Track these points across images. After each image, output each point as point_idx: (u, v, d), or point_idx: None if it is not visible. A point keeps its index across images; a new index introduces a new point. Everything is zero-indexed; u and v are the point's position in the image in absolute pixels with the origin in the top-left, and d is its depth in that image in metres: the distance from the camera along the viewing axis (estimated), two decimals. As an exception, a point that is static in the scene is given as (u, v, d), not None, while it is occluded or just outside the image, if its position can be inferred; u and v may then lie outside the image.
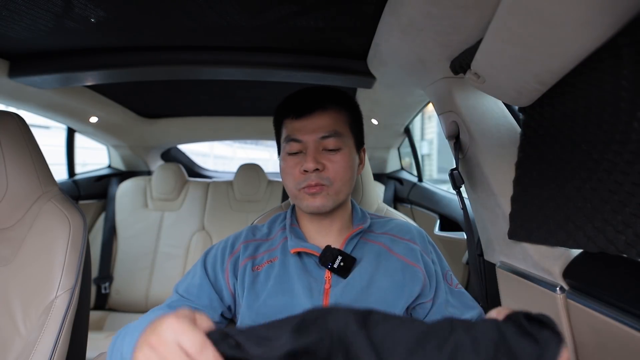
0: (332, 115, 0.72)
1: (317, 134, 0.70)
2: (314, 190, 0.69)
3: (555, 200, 0.56)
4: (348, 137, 0.73)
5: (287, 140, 0.73)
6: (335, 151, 0.71)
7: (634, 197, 0.42)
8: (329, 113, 0.72)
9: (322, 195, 0.69)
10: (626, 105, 0.42)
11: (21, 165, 0.79)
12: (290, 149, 0.72)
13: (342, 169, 0.70)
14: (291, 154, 0.72)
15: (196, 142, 2.69)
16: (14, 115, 0.82)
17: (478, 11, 0.54)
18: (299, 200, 0.72)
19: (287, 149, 0.72)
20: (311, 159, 0.68)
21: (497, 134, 0.77)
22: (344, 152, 0.71)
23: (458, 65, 0.70)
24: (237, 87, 1.55)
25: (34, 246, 0.76)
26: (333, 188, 0.70)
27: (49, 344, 0.71)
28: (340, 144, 0.71)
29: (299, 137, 0.71)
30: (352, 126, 0.75)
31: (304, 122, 0.72)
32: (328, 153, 0.71)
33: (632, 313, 0.48)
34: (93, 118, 1.82)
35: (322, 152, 0.70)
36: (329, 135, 0.70)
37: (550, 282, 0.63)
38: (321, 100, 0.73)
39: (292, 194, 0.73)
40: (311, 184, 0.69)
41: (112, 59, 1.02)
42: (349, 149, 0.73)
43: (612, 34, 0.41)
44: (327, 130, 0.70)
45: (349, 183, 0.72)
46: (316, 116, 0.72)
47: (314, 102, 0.73)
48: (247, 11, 0.78)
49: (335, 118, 0.72)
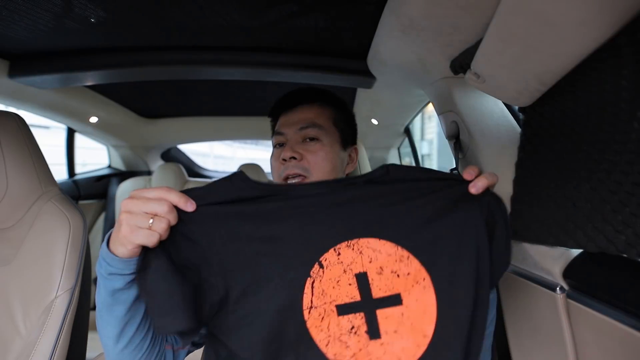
0: (314, 110, 0.77)
1: (297, 126, 0.75)
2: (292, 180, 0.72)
3: (555, 200, 0.56)
4: (330, 131, 0.76)
5: (274, 135, 0.78)
6: (314, 141, 0.74)
7: (634, 197, 0.42)
8: (311, 108, 0.77)
9: None
10: (626, 105, 0.42)
11: (21, 166, 0.79)
12: (276, 141, 0.77)
13: (320, 159, 0.72)
14: (276, 147, 0.77)
15: (196, 142, 2.69)
16: (14, 115, 0.82)
17: (478, 11, 0.54)
18: None
19: (274, 142, 0.78)
20: (288, 148, 0.72)
21: (497, 134, 0.77)
22: (323, 143, 0.74)
23: (458, 65, 0.69)
24: (237, 87, 1.55)
25: (34, 246, 0.76)
26: (312, 178, 0.72)
27: (49, 344, 0.71)
28: (319, 134, 0.74)
29: (281, 130, 0.76)
30: (337, 122, 0.78)
31: (287, 116, 0.77)
32: (307, 144, 0.74)
33: (632, 313, 0.48)
34: (93, 118, 1.82)
35: (301, 143, 0.74)
36: (307, 125, 0.74)
37: (550, 282, 0.63)
38: (305, 97, 0.78)
39: None
40: (289, 173, 0.72)
41: (112, 59, 1.02)
42: (330, 142, 0.75)
43: (612, 34, 0.41)
44: (306, 121, 0.74)
45: (330, 176, 0.74)
46: (298, 110, 0.77)
47: (299, 98, 0.78)
48: (247, 11, 0.78)
49: (316, 112, 0.76)
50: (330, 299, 0.50)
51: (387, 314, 0.50)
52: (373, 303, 0.50)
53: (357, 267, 0.51)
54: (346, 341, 0.50)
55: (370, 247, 0.51)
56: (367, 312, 0.50)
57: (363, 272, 0.51)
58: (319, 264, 0.50)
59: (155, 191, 0.47)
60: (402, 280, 0.50)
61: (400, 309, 0.50)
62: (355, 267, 0.51)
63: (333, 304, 0.50)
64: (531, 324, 0.69)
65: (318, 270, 0.50)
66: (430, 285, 0.50)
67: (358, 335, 0.50)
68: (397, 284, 0.50)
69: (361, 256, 0.51)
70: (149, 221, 0.45)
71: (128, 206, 0.46)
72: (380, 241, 0.51)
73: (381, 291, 0.50)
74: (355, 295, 0.50)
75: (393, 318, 0.50)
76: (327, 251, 0.51)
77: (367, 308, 0.50)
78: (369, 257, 0.51)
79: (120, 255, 0.47)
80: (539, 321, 0.66)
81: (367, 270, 0.51)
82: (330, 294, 0.50)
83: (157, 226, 0.45)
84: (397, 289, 0.50)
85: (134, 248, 0.46)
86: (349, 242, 0.51)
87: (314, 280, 0.50)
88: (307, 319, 0.50)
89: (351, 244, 0.51)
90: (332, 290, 0.50)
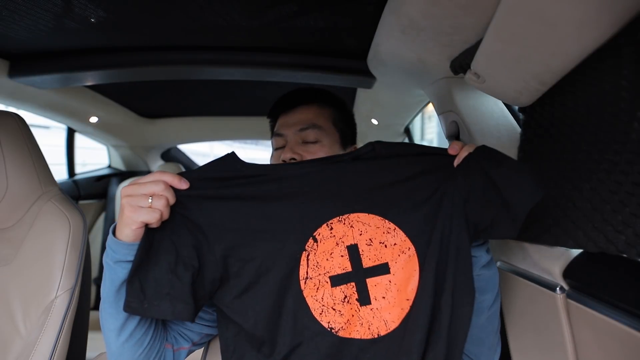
0: (313, 110, 0.76)
1: (296, 127, 0.74)
2: None
3: (555, 200, 0.56)
4: (330, 132, 0.75)
5: (274, 136, 0.78)
6: (314, 143, 0.73)
7: (634, 197, 0.42)
8: (310, 108, 0.76)
9: None
10: (626, 105, 0.42)
11: (21, 165, 0.79)
12: (276, 143, 0.77)
13: None
14: (276, 149, 0.76)
15: (196, 142, 2.69)
16: (14, 115, 0.82)
17: (478, 11, 0.54)
18: None
19: (274, 144, 0.78)
20: (288, 149, 0.72)
21: (497, 134, 0.76)
22: (322, 144, 0.73)
23: (458, 65, 0.69)
24: (237, 87, 1.55)
25: (34, 246, 0.76)
26: None
27: (49, 344, 0.71)
28: (319, 136, 0.73)
29: (281, 131, 0.75)
30: (337, 123, 0.78)
31: (286, 117, 0.77)
32: (307, 145, 0.73)
33: (632, 313, 0.48)
34: (93, 118, 1.81)
35: (301, 144, 0.73)
36: (307, 127, 0.73)
37: (550, 282, 0.63)
38: (304, 97, 0.78)
39: None
40: None
41: (112, 59, 1.01)
42: (330, 142, 0.75)
43: (612, 34, 0.41)
44: (306, 122, 0.74)
45: None
46: (298, 111, 0.76)
47: (297, 99, 0.77)
48: (247, 11, 0.78)
49: (316, 113, 0.76)
50: (324, 270, 0.54)
51: (376, 281, 0.54)
52: (363, 272, 0.54)
53: (348, 240, 0.55)
54: (340, 310, 0.54)
55: (360, 221, 0.55)
56: (358, 281, 0.54)
57: (354, 244, 0.55)
58: (313, 238, 0.55)
59: (151, 175, 0.52)
60: (389, 250, 0.55)
61: (388, 277, 0.54)
62: (347, 240, 0.55)
63: (327, 275, 0.54)
64: (531, 324, 0.69)
65: (313, 244, 0.54)
66: (414, 254, 0.55)
67: (350, 304, 0.54)
68: (385, 253, 0.55)
69: (352, 229, 0.55)
70: (149, 200, 0.49)
71: (128, 191, 0.50)
72: (369, 215, 0.55)
73: (371, 261, 0.55)
74: (347, 266, 0.55)
75: (381, 285, 0.54)
76: (321, 226, 0.55)
77: (358, 277, 0.54)
78: (359, 230, 0.55)
79: (125, 238, 0.50)
80: (539, 321, 0.66)
81: (357, 242, 0.55)
82: (324, 265, 0.54)
83: (157, 203, 0.49)
84: (385, 259, 0.55)
85: (138, 228, 0.49)
86: (341, 217, 0.55)
87: (309, 253, 0.54)
88: (304, 289, 0.54)
89: (342, 219, 0.55)
90: (325, 262, 0.54)
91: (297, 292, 0.54)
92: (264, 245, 0.54)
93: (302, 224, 0.55)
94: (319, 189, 0.55)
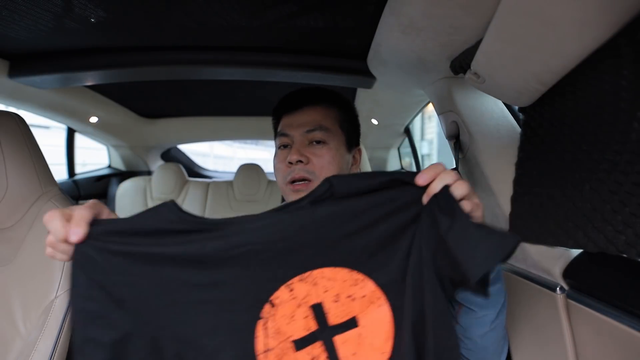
0: (320, 111, 0.74)
1: (303, 128, 0.73)
2: (298, 186, 0.70)
3: (555, 200, 0.56)
4: (337, 134, 0.74)
5: (278, 135, 0.76)
6: (320, 144, 0.72)
7: (634, 197, 0.42)
8: (317, 109, 0.75)
9: (305, 191, 0.69)
10: (626, 105, 0.42)
11: (21, 166, 0.79)
12: (280, 142, 0.75)
13: (327, 163, 0.71)
14: (281, 148, 0.75)
15: (196, 142, 2.69)
16: (14, 115, 0.82)
17: (478, 11, 0.54)
18: (286, 194, 0.74)
19: (278, 143, 0.76)
20: (295, 150, 0.70)
21: (497, 134, 0.77)
22: (329, 146, 0.72)
23: (458, 65, 0.69)
24: (237, 87, 1.55)
25: (34, 246, 0.76)
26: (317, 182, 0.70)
27: (49, 344, 0.71)
28: (325, 137, 0.72)
29: (287, 131, 0.74)
30: (343, 124, 0.77)
31: (292, 117, 0.75)
32: (314, 147, 0.72)
33: (632, 313, 0.48)
34: (93, 118, 1.82)
35: (308, 146, 0.72)
36: (314, 128, 0.72)
37: (550, 282, 0.63)
38: (310, 98, 0.76)
39: (281, 189, 0.76)
40: (296, 177, 0.70)
41: (112, 59, 1.01)
42: (337, 144, 0.74)
43: (612, 34, 0.41)
44: (313, 124, 0.72)
45: None
46: (304, 111, 0.75)
47: (304, 99, 0.76)
48: (247, 11, 0.78)
49: (323, 114, 0.74)
50: (286, 336, 0.48)
51: (345, 338, 0.49)
52: (329, 330, 0.49)
53: (312, 299, 0.48)
54: None
55: (325, 277, 0.48)
56: (325, 340, 0.49)
57: (318, 302, 0.49)
58: (270, 303, 0.47)
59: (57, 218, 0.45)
60: (358, 303, 0.49)
61: (356, 330, 0.49)
62: (310, 299, 0.48)
63: (289, 340, 0.48)
64: (531, 324, 0.69)
65: (270, 310, 0.47)
66: (385, 302, 0.49)
67: None
68: (352, 307, 0.49)
69: (315, 287, 0.48)
70: None
71: None
72: (334, 269, 0.48)
73: (338, 317, 0.49)
74: (312, 326, 0.49)
75: (351, 341, 0.49)
76: (278, 289, 0.48)
77: (324, 336, 0.49)
78: (324, 287, 0.48)
79: None
80: (539, 321, 0.66)
81: (322, 301, 0.49)
82: (285, 331, 0.48)
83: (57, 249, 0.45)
84: (353, 313, 0.49)
85: None
86: (302, 275, 0.48)
87: (267, 320, 0.47)
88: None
89: (304, 277, 0.48)
90: (287, 327, 0.48)
91: None
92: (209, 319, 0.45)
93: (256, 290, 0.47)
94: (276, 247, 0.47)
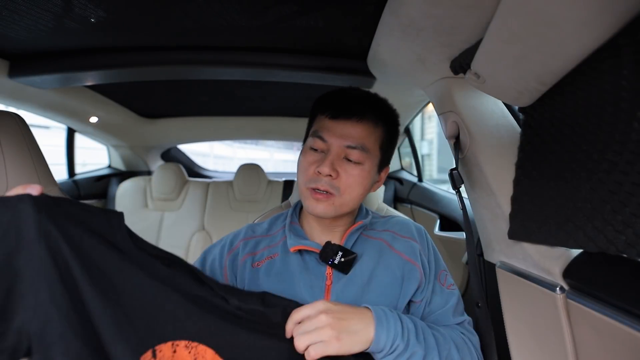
0: (366, 128, 0.69)
1: (343, 141, 0.68)
2: (319, 196, 0.67)
3: (555, 200, 0.56)
4: (374, 155, 0.71)
5: (314, 135, 0.71)
6: (355, 164, 0.68)
7: (634, 197, 0.42)
8: (364, 124, 0.69)
9: (326, 203, 0.68)
10: (626, 105, 0.42)
11: (21, 166, 0.79)
12: (314, 144, 0.70)
13: (355, 184, 0.68)
14: (313, 149, 0.70)
15: (196, 142, 2.69)
16: (14, 115, 0.82)
17: (478, 11, 0.54)
18: (304, 197, 0.71)
19: (311, 143, 0.71)
20: (329, 162, 0.66)
21: (497, 134, 0.76)
22: (363, 167, 0.69)
23: (458, 65, 0.69)
24: (237, 87, 1.55)
25: (34, 246, 0.76)
26: (340, 199, 0.68)
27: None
28: (363, 159, 0.69)
29: (325, 137, 0.69)
30: (383, 144, 0.73)
31: (336, 124, 0.69)
32: (347, 163, 0.68)
33: (632, 313, 0.48)
34: (93, 118, 1.82)
35: (341, 160, 0.68)
36: (355, 147, 0.68)
37: (550, 282, 0.63)
38: (362, 108, 0.70)
39: (300, 189, 0.72)
40: (319, 188, 0.67)
41: (112, 59, 1.01)
42: (370, 166, 0.70)
43: (612, 34, 0.41)
44: (355, 141, 0.68)
45: (357, 198, 0.70)
46: (350, 123, 0.69)
47: (354, 108, 0.70)
48: (247, 11, 0.78)
49: (368, 131, 0.70)
50: None
51: None
52: None
53: None
54: None
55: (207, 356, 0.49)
56: None
57: None
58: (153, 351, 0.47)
59: None
60: None
61: None
62: None
63: None
64: (531, 324, 0.69)
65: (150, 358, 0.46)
66: None
67: None
68: None
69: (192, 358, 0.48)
70: None
71: None
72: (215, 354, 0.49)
73: None
74: None
75: None
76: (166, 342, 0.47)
77: None
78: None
79: None
80: (539, 321, 0.66)
81: None
82: None
83: None
84: None
85: None
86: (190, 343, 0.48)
87: None
88: None
89: (191, 346, 0.48)
90: None
91: None
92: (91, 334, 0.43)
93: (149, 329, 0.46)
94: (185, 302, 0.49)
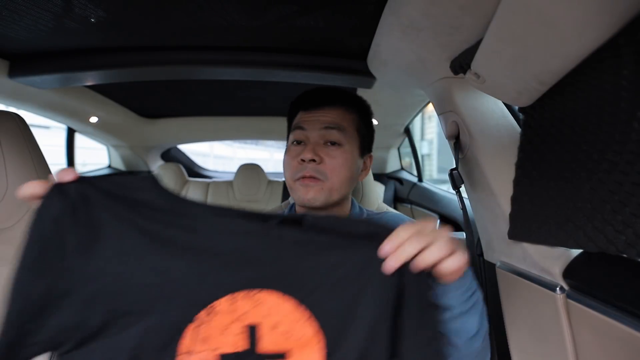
0: (339, 112, 0.74)
1: (321, 124, 0.72)
2: (308, 181, 0.69)
3: (555, 200, 0.56)
4: (352, 137, 0.74)
5: (293, 129, 0.75)
6: (335, 146, 0.71)
7: (634, 197, 0.42)
8: (336, 109, 0.74)
9: (315, 188, 0.69)
10: (626, 105, 0.42)
11: (21, 166, 0.79)
12: (294, 137, 0.74)
13: (339, 165, 0.71)
14: (294, 144, 0.74)
15: (196, 142, 2.69)
16: (14, 115, 0.82)
17: (478, 11, 0.54)
18: (293, 191, 0.73)
19: (292, 137, 0.75)
20: (310, 148, 0.70)
21: (497, 134, 0.77)
22: (344, 149, 0.72)
23: (458, 65, 0.69)
24: (237, 87, 1.55)
25: (34, 246, 0.76)
26: (328, 183, 0.70)
27: (49, 344, 0.71)
28: (342, 139, 0.72)
29: (303, 125, 0.73)
30: (360, 129, 0.76)
31: (311, 113, 0.74)
32: (328, 147, 0.71)
33: (632, 313, 0.48)
34: (93, 118, 1.82)
35: (322, 146, 0.71)
36: (333, 127, 0.71)
37: (550, 282, 0.63)
38: (331, 97, 0.75)
39: (288, 185, 0.75)
40: (306, 175, 0.69)
41: (112, 59, 1.01)
42: (351, 148, 0.73)
43: (612, 34, 0.41)
44: (331, 122, 0.72)
45: (346, 183, 0.72)
46: (324, 110, 0.74)
47: (324, 97, 0.76)
48: (247, 11, 0.78)
49: (342, 115, 0.74)
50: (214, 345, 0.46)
51: None
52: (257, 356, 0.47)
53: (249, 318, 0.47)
54: None
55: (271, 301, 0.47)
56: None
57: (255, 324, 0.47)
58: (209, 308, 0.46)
59: None
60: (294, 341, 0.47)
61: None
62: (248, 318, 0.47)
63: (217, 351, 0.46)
64: (531, 324, 0.69)
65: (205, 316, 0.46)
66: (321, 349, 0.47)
67: None
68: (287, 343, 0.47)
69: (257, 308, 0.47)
70: None
71: None
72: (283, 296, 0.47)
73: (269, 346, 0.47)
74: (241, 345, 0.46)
75: None
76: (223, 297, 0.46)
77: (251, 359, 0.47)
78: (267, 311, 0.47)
79: None
80: (538, 321, 0.66)
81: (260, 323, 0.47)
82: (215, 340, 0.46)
83: None
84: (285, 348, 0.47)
85: None
86: (250, 291, 0.47)
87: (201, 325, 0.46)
88: None
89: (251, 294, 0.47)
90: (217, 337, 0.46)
91: None
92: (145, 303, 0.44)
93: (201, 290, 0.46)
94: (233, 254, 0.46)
